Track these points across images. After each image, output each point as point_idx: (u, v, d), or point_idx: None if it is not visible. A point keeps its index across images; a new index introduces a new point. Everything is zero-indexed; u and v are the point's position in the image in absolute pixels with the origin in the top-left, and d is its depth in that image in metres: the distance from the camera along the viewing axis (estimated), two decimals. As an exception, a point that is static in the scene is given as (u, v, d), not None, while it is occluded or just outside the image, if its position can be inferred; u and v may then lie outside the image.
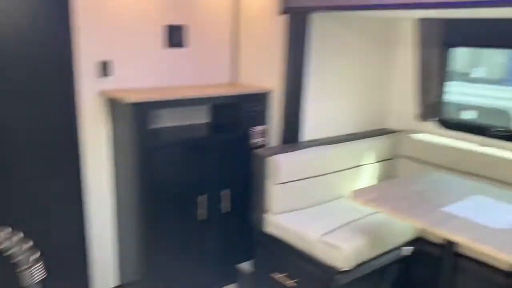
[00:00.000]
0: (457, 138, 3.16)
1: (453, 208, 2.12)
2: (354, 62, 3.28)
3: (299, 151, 2.90)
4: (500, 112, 5.67)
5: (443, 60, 3.24)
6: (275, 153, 2.80)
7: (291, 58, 2.90)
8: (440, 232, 1.93)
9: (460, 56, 5.97)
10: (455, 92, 5.83)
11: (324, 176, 2.96)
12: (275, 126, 3.09)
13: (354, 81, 3.33)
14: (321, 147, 3.01)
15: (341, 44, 3.15)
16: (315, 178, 2.91)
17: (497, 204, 2.20)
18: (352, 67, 3.28)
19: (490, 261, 2.43)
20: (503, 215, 2.07)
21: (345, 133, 3.34)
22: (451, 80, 3.41)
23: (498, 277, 2.37)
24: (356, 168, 3.15)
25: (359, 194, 2.32)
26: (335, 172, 3.02)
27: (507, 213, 2.10)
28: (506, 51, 5.71)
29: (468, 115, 5.66)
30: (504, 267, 2.33)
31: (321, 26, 2.95)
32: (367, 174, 3.23)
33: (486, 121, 5.39)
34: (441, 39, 3.15)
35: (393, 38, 3.48)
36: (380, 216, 2.72)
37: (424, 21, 3.17)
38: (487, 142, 3.01)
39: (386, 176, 3.33)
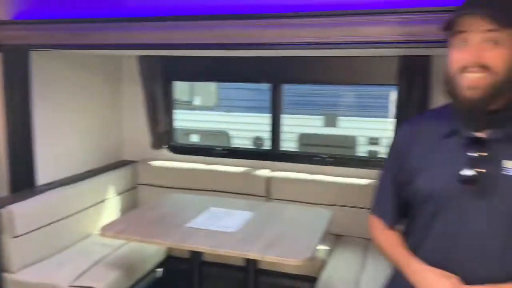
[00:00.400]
0: (188, 161, 3.54)
1: (194, 223, 2.39)
2: (85, 98, 3.28)
3: (35, 196, 2.69)
4: (218, 132, 6.59)
5: (166, 92, 3.59)
6: (6, 204, 2.52)
7: (10, 99, 2.69)
8: (186, 246, 2.16)
9: (183, 88, 6.70)
10: (182, 120, 6.46)
11: (68, 218, 2.84)
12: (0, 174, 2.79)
13: (87, 117, 3.32)
14: (60, 188, 2.87)
15: (69, 81, 3.10)
16: (59, 222, 2.76)
17: (228, 212, 2.59)
18: (84, 104, 3.27)
19: (231, 262, 2.82)
20: (233, 220, 2.46)
21: (84, 170, 3.27)
22: (176, 109, 3.81)
23: (236, 273, 2.77)
24: (100, 204, 3.14)
25: (107, 228, 2.34)
26: (79, 211, 2.93)
27: (236, 217, 2.50)
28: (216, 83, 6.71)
29: (194, 139, 6.36)
30: (240, 263, 2.74)
31: (44, 64, 2.85)
32: (112, 207, 3.26)
33: (211, 142, 6.20)
34: (162, 74, 3.48)
35: (122, 73, 3.64)
36: (131, 245, 2.80)
37: (143, 58, 3.44)
38: (212, 161, 3.49)
39: (131, 206, 3.43)
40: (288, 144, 5.75)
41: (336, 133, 6.60)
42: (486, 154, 1.14)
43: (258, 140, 6.04)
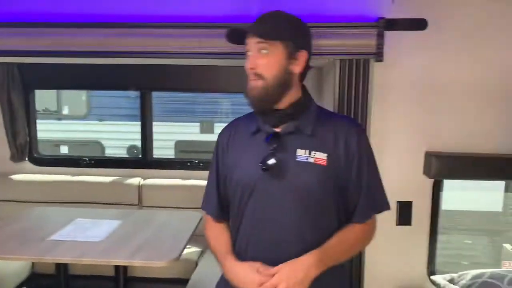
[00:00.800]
0: (53, 173, 3.38)
1: (58, 235, 2.32)
2: None
3: None
4: (91, 142, 6.33)
5: (27, 101, 3.39)
6: None
7: None
8: (48, 259, 2.09)
9: (50, 96, 6.30)
10: (49, 130, 6.08)
11: None
12: None
13: None
14: None
15: None
16: None
17: (96, 222, 2.56)
18: None
19: (100, 272, 2.78)
20: (101, 230, 2.43)
21: None
22: (43, 119, 3.62)
23: (107, 283, 2.73)
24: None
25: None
26: None
27: (103, 227, 2.47)
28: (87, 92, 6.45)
29: (64, 150, 6.02)
30: (110, 273, 2.70)
31: None
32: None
33: (83, 153, 5.93)
34: (21, 82, 3.29)
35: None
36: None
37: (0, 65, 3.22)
38: (80, 172, 3.38)
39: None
40: (166, 151, 5.77)
41: (213, 139, 6.77)
42: (277, 145, 1.38)
43: (133, 149, 5.95)
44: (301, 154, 1.38)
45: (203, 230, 1.58)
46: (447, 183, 2.56)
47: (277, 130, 1.41)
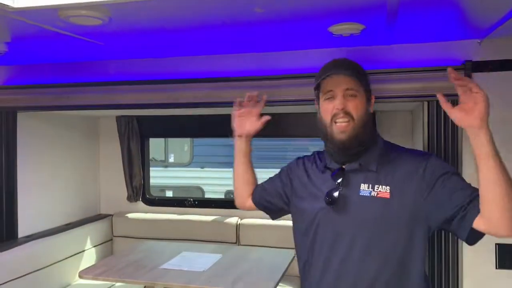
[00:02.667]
0: (161, 212, 3.75)
1: (167, 265, 2.59)
2: (66, 155, 3.52)
3: (16, 247, 2.86)
4: (193, 188, 6.81)
5: (142, 149, 3.86)
6: (-11, 254, 2.68)
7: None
8: (162, 283, 2.36)
9: (159, 147, 6.97)
10: (157, 177, 6.67)
11: (47, 268, 2.99)
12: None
13: (67, 173, 3.55)
14: (39, 240, 3.05)
15: (52, 140, 3.36)
16: (38, 271, 2.91)
17: (199, 255, 2.81)
18: (65, 161, 3.51)
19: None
20: (204, 262, 2.67)
21: (62, 223, 3.44)
22: (152, 167, 4.08)
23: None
24: (78, 255, 3.30)
25: (86, 272, 2.53)
26: (57, 262, 3.09)
27: (206, 259, 2.71)
28: (189, 141, 7.03)
29: (168, 193, 6.55)
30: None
31: (29, 125, 3.11)
32: (89, 258, 3.41)
33: (184, 195, 6.39)
34: (138, 132, 3.77)
35: (100, 132, 3.92)
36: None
37: (120, 118, 3.74)
38: (185, 211, 3.72)
39: (107, 256, 3.58)
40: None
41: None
42: (342, 180, 1.48)
43: (230, 193, 6.28)
44: (364, 188, 1.46)
45: (295, 269, 1.72)
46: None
47: (343, 167, 1.52)
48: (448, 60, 2.21)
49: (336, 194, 1.46)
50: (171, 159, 7.21)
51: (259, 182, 1.90)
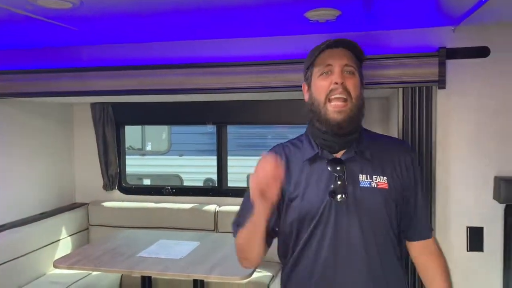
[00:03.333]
0: (138, 201, 3.72)
1: (143, 253, 2.58)
2: (40, 143, 3.44)
3: (-13, 237, 2.80)
4: (171, 176, 6.78)
5: (118, 137, 3.80)
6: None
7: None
8: (138, 272, 2.35)
9: (135, 135, 6.90)
10: (134, 165, 6.61)
11: (21, 258, 2.94)
12: None
13: (41, 162, 3.46)
14: (11, 230, 2.98)
15: (25, 128, 3.28)
16: (11, 261, 2.86)
17: (177, 243, 2.80)
18: (38, 149, 3.43)
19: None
20: (182, 249, 2.66)
21: (37, 213, 3.38)
22: (128, 155, 4.03)
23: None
24: (53, 244, 3.25)
25: (61, 261, 2.49)
26: (31, 252, 3.04)
27: (183, 247, 2.70)
28: (167, 129, 6.98)
29: (146, 181, 6.51)
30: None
31: (1, 111, 3.03)
32: (64, 248, 3.36)
33: (162, 183, 6.36)
34: (113, 119, 3.71)
35: (75, 119, 3.83)
36: (83, 282, 2.92)
37: (94, 105, 3.67)
38: (162, 200, 3.69)
39: (83, 245, 3.53)
40: (240, 184, 6.01)
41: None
42: (345, 171, 1.36)
43: (209, 181, 6.27)
44: (364, 179, 1.38)
45: (273, 254, 1.53)
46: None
47: (337, 156, 1.40)
48: (423, 47, 2.24)
49: (340, 187, 1.34)
50: (149, 147, 7.15)
51: (231, 169, 1.76)
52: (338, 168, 1.37)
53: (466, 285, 2.28)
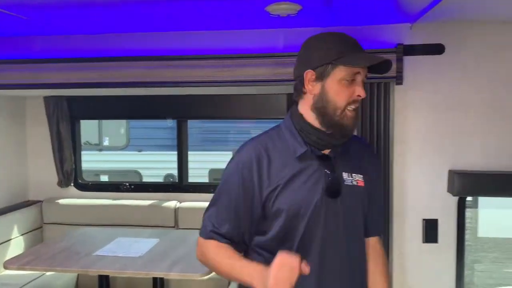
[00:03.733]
0: (95, 198, 3.61)
1: (101, 251, 2.50)
2: None
3: None
4: (130, 172, 6.63)
5: (73, 132, 3.67)
6: None
7: None
8: (95, 271, 2.27)
9: (92, 130, 6.70)
10: (91, 161, 6.43)
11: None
12: None
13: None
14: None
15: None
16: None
17: (135, 240, 2.74)
18: None
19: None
20: (140, 247, 2.60)
21: (-15, 211, 3.22)
22: (85, 150, 3.89)
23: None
24: (4, 244, 3.10)
25: (12, 262, 2.38)
26: (-21, 252, 2.89)
27: (142, 244, 2.65)
28: (125, 123, 6.82)
29: (104, 178, 6.34)
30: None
31: None
32: (16, 247, 3.22)
33: (120, 180, 6.22)
34: (68, 114, 3.57)
35: (27, 113, 3.65)
36: (36, 282, 2.81)
37: (48, 98, 3.52)
38: (121, 196, 3.60)
39: (36, 244, 3.40)
40: (201, 180, 5.96)
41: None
42: (331, 168, 1.36)
43: (169, 177, 6.18)
44: (346, 177, 1.38)
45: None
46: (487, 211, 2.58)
47: (325, 152, 1.38)
48: (382, 43, 2.28)
49: (335, 184, 1.34)
50: (106, 143, 6.96)
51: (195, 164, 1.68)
52: (329, 165, 1.36)
53: (421, 276, 2.35)
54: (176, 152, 3.67)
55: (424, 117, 2.32)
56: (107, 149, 7.00)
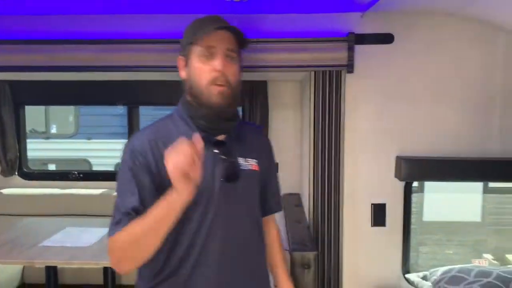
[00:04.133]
0: (42, 187, 3.46)
1: (47, 242, 2.41)
2: None
3: None
4: (79, 160, 6.42)
5: (17, 119, 3.49)
6: None
7: None
8: (41, 262, 2.19)
9: (39, 117, 6.40)
10: (38, 149, 6.15)
11: None
12: None
13: None
14: None
15: None
16: None
17: (84, 230, 2.65)
18: None
19: (89, 281, 2.85)
20: (89, 237, 2.53)
21: None
22: (30, 137, 3.71)
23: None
24: None
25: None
26: None
27: (92, 234, 2.57)
28: (74, 110, 6.57)
29: (51, 167, 6.10)
30: (99, 281, 2.77)
31: None
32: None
33: (69, 168, 6.00)
34: (11, 99, 3.39)
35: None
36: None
37: (-10, 83, 3.33)
38: (69, 185, 3.47)
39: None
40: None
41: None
42: (227, 153, 1.35)
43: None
44: (242, 162, 1.39)
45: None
46: (430, 195, 2.69)
47: (220, 138, 1.38)
48: (333, 32, 2.31)
49: (233, 169, 1.34)
50: (53, 130, 6.69)
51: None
52: (225, 151, 1.34)
53: (370, 258, 2.44)
54: (127, 140, 3.58)
55: (374, 105, 2.39)
56: (55, 137, 6.72)
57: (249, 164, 1.40)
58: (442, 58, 2.33)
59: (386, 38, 2.32)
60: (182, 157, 1.12)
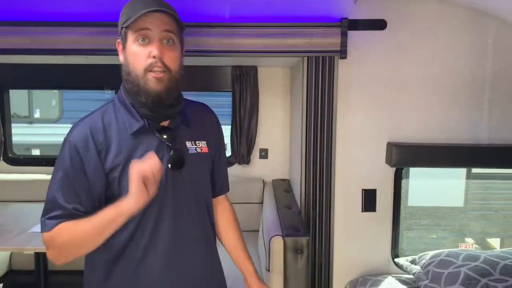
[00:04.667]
0: (28, 172, 3.40)
1: (36, 228, 2.38)
2: None
3: None
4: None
5: (1, 103, 3.40)
6: None
7: None
8: (31, 248, 2.16)
9: (22, 103, 6.25)
10: (22, 134, 6.02)
11: None
12: None
13: None
14: None
15: None
16: None
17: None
18: None
19: (79, 267, 2.82)
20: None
21: None
22: (14, 122, 3.62)
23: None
24: None
25: None
26: None
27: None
28: (58, 94, 6.43)
29: (35, 152, 6.00)
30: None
31: None
32: None
33: (53, 154, 5.89)
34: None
35: None
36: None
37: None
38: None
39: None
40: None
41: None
42: (172, 139, 1.33)
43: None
44: (190, 146, 1.37)
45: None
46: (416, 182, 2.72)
47: (165, 124, 1.34)
48: (326, 17, 2.30)
49: (178, 156, 1.32)
50: (37, 115, 6.55)
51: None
52: (170, 137, 1.32)
53: (360, 243, 2.47)
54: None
55: (365, 91, 2.39)
56: (38, 122, 6.59)
57: (198, 147, 1.39)
58: (433, 45, 2.33)
59: (379, 24, 2.32)
60: (147, 166, 1.15)
